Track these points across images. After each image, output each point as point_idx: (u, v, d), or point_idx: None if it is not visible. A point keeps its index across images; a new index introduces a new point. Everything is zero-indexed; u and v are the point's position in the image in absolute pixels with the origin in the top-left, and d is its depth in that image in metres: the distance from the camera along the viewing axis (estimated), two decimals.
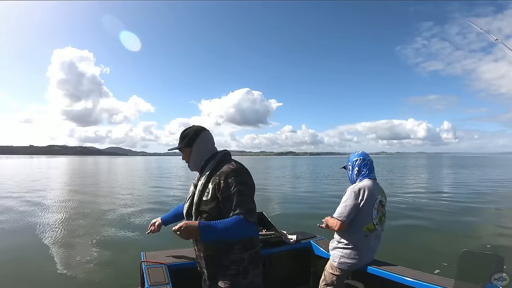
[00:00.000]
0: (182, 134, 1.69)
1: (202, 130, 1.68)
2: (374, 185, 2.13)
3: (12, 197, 11.17)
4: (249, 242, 1.57)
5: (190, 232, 1.41)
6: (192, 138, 1.65)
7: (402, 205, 9.63)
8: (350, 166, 2.25)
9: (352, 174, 2.23)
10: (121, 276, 3.89)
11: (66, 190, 13.96)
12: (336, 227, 2.08)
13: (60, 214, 8.03)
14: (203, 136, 1.66)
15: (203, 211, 1.53)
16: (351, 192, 2.07)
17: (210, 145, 1.68)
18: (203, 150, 1.65)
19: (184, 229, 1.39)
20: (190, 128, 1.71)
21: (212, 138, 1.71)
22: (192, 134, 1.66)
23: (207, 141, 1.67)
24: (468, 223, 7.31)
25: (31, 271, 4.15)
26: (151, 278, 1.81)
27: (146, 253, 2.16)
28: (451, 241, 5.59)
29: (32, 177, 22.30)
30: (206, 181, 1.55)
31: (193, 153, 1.65)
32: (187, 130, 1.69)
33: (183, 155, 1.70)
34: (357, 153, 2.28)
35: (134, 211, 8.56)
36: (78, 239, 5.66)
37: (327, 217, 2.22)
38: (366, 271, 2.07)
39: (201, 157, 1.64)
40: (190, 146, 1.65)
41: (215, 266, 1.56)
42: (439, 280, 1.80)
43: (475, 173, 25.85)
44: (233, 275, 1.52)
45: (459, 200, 10.74)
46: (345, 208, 2.04)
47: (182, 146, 1.67)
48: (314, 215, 8.02)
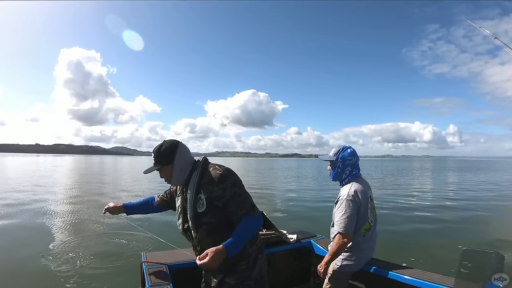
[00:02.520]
0: (158, 152, 1.57)
1: (177, 143, 1.60)
2: (364, 184, 2.06)
3: (16, 194, 11.32)
4: (255, 236, 1.58)
5: (219, 256, 1.38)
6: (172, 154, 1.56)
7: (402, 205, 9.74)
8: (341, 163, 2.08)
9: (341, 173, 2.09)
10: (122, 276, 3.90)
11: (69, 189, 14.05)
12: (345, 240, 1.93)
13: (61, 214, 8.08)
14: (181, 149, 1.59)
15: (203, 223, 1.50)
16: (348, 202, 1.95)
17: (189, 156, 1.62)
18: (184, 163, 1.58)
19: (213, 256, 1.36)
20: (164, 144, 1.60)
21: (188, 148, 1.64)
22: (170, 150, 1.57)
23: (186, 153, 1.60)
24: (469, 222, 7.32)
25: (30, 270, 4.15)
26: (151, 279, 1.81)
27: (146, 253, 2.16)
28: (451, 239, 5.58)
29: (37, 174, 22.55)
30: (197, 192, 1.50)
31: (175, 169, 1.56)
32: (162, 147, 1.58)
33: (161, 173, 1.59)
34: (350, 151, 2.10)
35: None
36: (78, 239, 5.68)
37: (322, 264, 2.01)
38: (368, 270, 2.07)
39: (184, 171, 1.57)
40: (171, 162, 1.56)
41: (225, 268, 1.52)
42: (440, 279, 1.79)
43: (478, 176, 25.75)
44: (243, 270, 1.52)
45: (460, 200, 10.87)
46: (346, 219, 1.92)
47: (162, 165, 1.56)
48: (315, 215, 8.02)
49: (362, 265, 2.07)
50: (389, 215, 8.01)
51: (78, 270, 4.14)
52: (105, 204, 2.05)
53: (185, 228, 1.60)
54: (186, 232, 1.60)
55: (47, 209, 8.72)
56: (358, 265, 2.06)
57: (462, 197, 11.86)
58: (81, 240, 5.66)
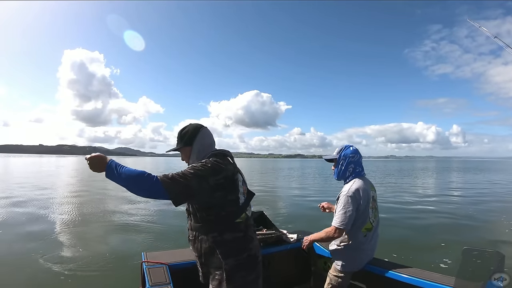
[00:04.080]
0: (180, 133, 1.59)
1: (201, 127, 1.60)
2: (366, 183, 2.06)
3: (17, 195, 11.37)
4: (233, 247, 1.47)
5: (98, 164, 1.29)
6: (192, 136, 1.56)
7: (403, 205, 9.74)
8: (344, 161, 2.08)
9: (344, 170, 2.08)
10: (122, 276, 3.91)
11: (71, 189, 14.11)
12: (335, 234, 1.99)
13: (62, 214, 8.12)
14: (203, 132, 1.58)
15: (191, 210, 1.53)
16: (348, 198, 1.95)
17: (211, 142, 1.61)
18: (204, 147, 1.57)
19: (94, 158, 1.29)
20: (188, 126, 1.61)
21: (212, 135, 1.63)
22: (192, 131, 1.57)
23: (207, 137, 1.60)
24: (469, 221, 7.30)
25: (30, 270, 4.17)
26: (152, 278, 1.81)
27: (146, 253, 2.16)
28: (452, 239, 5.56)
29: (40, 175, 22.70)
30: None
31: (194, 151, 1.56)
32: (185, 128, 1.60)
33: (182, 155, 1.61)
34: (352, 148, 2.11)
35: (135, 211, 8.60)
36: (79, 239, 5.71)
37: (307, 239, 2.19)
38: (369, 270, 2.06)
39: (202, 155, 1.54)
40: (190, 144, 1.56)
41: (207, 267, 1.53)
42: (440, 278, 1.78)
43: (480, 176, 25.68)
44: (218, 280, 1.47)
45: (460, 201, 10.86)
46: (345, 215, 1.94)
47: (182, 145, 1.57)
48: (315, 215, 8.00)
49: (363, 265, 2.06)
50: (389, 214, 8.00)
51: (78, 270, 4.16)
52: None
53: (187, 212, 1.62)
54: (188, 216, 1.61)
55: (47, 209, 8.76)
56: (359, 265, 2.06)
57: (463, 197, 11.86)
58: (81, 239, 5.69)
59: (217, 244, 1.46)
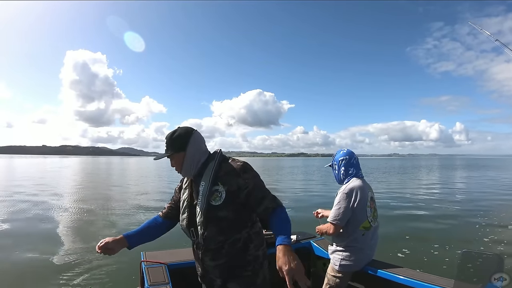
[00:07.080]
0: (171, 138, 1.44)
1: (192, 130, 1.48)
2: (364, 184, 2.10)
3: (18, 195, 11.49)
4: (261, 237, 1.52)
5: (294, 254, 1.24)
6: (185, 141, 1.43)
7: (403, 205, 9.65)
8: (336, 165, 2.19)
9: (338, 174, 2.18)
10: (121, 276, 3.92)
11: (73, 190, 14.19)
12: (331, 230, 2.04)
13: (62, 213, 8.19)
14: (196, 136, 1.46)
15: (215, 218, 1.37)
16: (343, 194, 2.03)
17: (204, 146, 1.50)
18: (198, 151, 1.45)
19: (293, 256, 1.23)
20: (178, 130, 1.47)
21: (203, 138, 1.51)
22: (184, 136, 1.44)
23: (200, 141, 1.48)
24: (469, 223, 7.22)
25: (30, 270, 4.20)
26: (151, 278, 1.81)
27: (146, 253, 2.16)
28: (451, 241, 5.51)
29: (43, 175, 22.89)
30: (212, 184, 1.38)
31: (188, 157, 1.43)
32: (176, 133, 1.45)
33: (172, 161, 1.46)
34: (342, 152, 2.20)
35: (135, 211, 8.64)
36: (79, 239, 5.74)
37: (317, 226, 2.20)
38: (367, 272, 2.04)
39: (197, 160, 1.44)
40: (184, 149, 1.42)
41: (229, 273, 1.43)
42: (439, 280, 1.76)
43: (483, 174, 25.55)
44: (248, 276, 1.42)
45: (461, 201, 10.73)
46: (338, 210, 2.01)
47: (174, 151, 1.43)
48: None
49: (362, 265, 2.05)
50: (389, 214, 7.95)
51: (77, 269, 4.19)
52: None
53: (189, 224, 1.45)
54: (190, 229, 1.45)
55: (48, 209, 8.84)
56: (358, 265, 2.04)
57: (464, 197, 11.68)
58: (81, 239, 5.72)
59: (252, 237, 1.46)
